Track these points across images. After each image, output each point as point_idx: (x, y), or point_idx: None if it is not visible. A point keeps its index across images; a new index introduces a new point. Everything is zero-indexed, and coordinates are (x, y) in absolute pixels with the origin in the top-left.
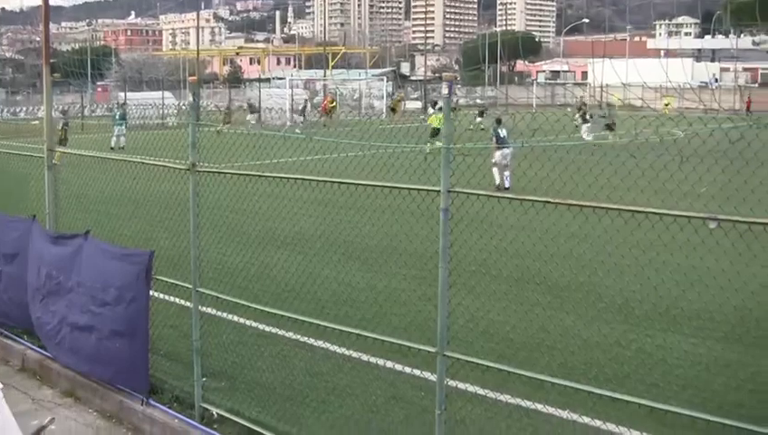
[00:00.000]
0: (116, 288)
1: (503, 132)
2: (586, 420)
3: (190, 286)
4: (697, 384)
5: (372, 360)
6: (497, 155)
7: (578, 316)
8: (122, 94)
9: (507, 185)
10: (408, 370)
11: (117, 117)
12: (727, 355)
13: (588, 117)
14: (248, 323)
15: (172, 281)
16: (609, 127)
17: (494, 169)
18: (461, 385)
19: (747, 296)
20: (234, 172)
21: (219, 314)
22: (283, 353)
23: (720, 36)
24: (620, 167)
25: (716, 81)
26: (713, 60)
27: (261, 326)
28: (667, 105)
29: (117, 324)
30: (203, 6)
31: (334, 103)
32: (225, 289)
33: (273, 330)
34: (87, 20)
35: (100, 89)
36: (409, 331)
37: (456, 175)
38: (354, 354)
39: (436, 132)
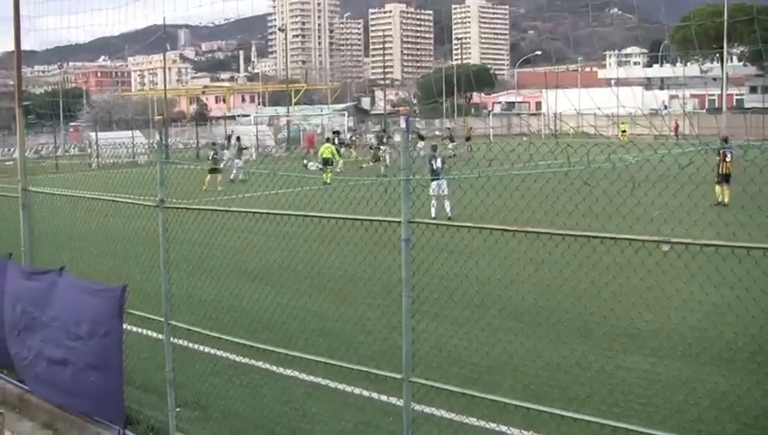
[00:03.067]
0: (89, 322)
1: (436, 163)
2: None
3: (162, 319)
4: (657, 402)
5: (341, 387)
6: (432, 186)
7: (539, 339)
8: (93, 134)
9: (449, 214)
10: (375, 396)
11: (231, 149)
12: (685, 373)
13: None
14: (220, 353)
15: (144, 314)
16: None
17: (432, 201)
18: (427, 409)
19: (702, 316)
20: (201, 208)
21: (192, 345)
22: (254, 383)
23: (668, 65)
24: (575, 194)
25: (666, 108)
26: (661, 88)
27: (232, 357)
28: (624, 132)
29: (91, 358)
30: (169, 48)
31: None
32: (196, 321)
33: (245, 360)
34: (58, 63)
35: (72, 129)
36: (376, 358)
37: (416, 205)
38: (323, 382)
39: (326, 162)
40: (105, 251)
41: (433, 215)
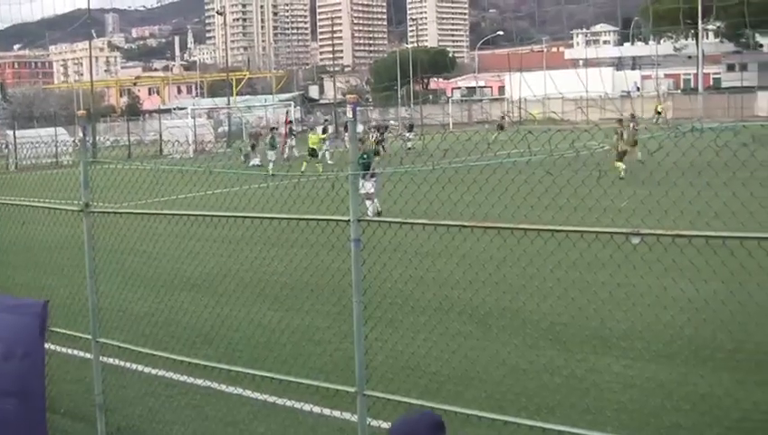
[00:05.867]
0: (4, 343)
1: (369, 158)
2: None
3: (90, 337)
4: (632, 408)
5: (290, 404)
6: (369, 185)
7: (503, 344)
8: (10, 132)
9: (379, 209)
10: (328, 412)
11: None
12: (661, 375)
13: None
14: (156, 372)
15: (70, 332)
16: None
17: (368, 202)
18: (385, 424)
19: (677, 312)
20: (130, 211)
21: (124, 364)
22: (194, 403)
23: (640, 43)
24: (537, 185)
25: (638, 89)
26: (633, 68)
27: (170, 375)
28: (659, 113)
29: (7, 384)
30: (95, 35)
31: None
32: (129, 338)
33: (183, 378)
34: None
35: None
36: (327, 370)
37: (365, 204)
38: (270, 399)
39: (312, 152)
40: (24, 263)
41: (371, 213)
